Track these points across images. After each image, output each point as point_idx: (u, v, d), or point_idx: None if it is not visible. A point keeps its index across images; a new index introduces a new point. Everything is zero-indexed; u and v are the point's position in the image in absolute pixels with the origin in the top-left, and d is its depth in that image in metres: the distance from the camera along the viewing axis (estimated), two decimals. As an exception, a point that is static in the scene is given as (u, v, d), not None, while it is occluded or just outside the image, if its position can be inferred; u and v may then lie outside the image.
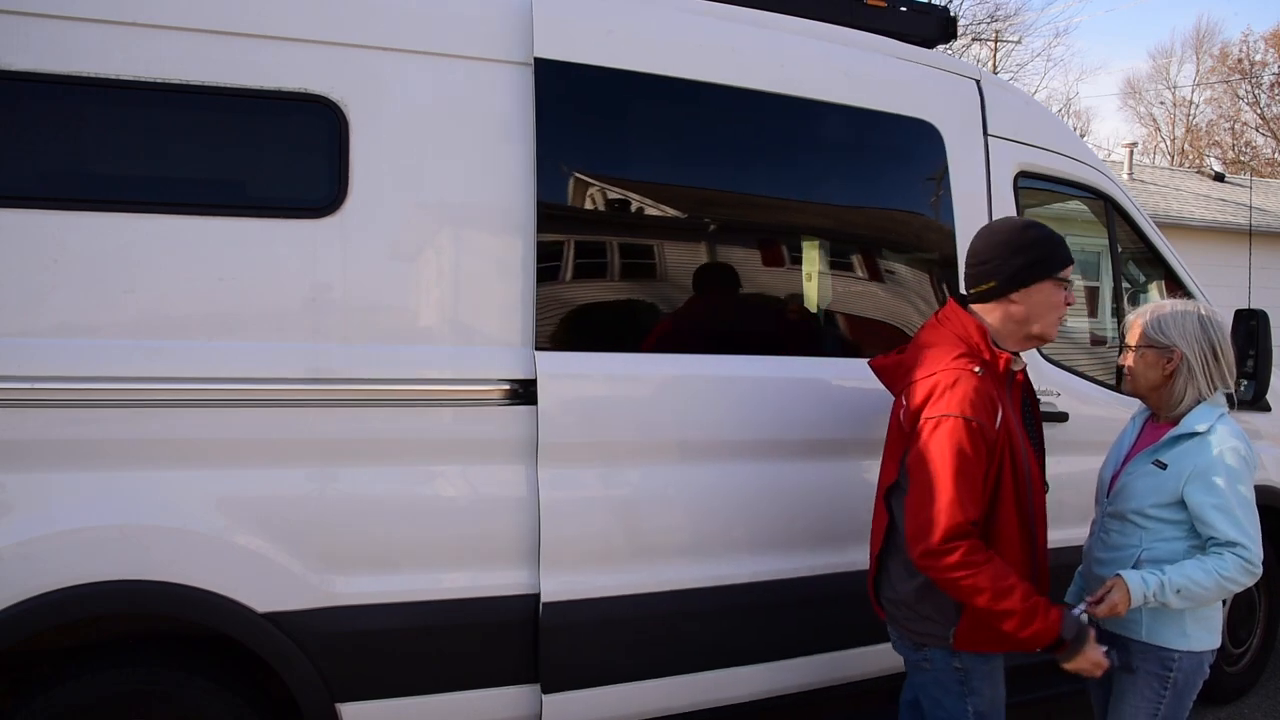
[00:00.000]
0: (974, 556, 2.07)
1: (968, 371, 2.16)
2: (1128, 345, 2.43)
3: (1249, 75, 30.85)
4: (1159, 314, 2.37)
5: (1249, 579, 2.23)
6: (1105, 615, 2.28)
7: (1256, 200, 17.02)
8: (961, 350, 2.22)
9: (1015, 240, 2.26)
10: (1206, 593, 2.22)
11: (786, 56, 2.90)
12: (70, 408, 2.15)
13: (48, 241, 2.14)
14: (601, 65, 2.61)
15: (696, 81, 2.74)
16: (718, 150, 2.86)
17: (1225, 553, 2.22)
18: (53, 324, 2.15)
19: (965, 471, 2.09)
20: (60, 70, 2.15)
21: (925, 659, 2.29)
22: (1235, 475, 2.24)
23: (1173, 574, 2.23)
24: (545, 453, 2.51)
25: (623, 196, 2.76)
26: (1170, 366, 2.34)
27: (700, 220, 2.87)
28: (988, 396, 2.16)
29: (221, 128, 2.30)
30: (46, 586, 2.12)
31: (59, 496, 2.15)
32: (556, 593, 2.54)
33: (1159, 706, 2.32)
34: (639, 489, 2.65)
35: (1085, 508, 3.38)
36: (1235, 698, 4.08)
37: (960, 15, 18.79)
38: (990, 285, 2.26)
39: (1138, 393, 2.46)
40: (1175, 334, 2.34)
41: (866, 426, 2.80)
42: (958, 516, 2.07)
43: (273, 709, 2.42)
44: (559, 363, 2.53)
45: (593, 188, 2.70)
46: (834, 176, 3.07)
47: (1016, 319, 2.27)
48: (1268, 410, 3.93)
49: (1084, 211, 4.23)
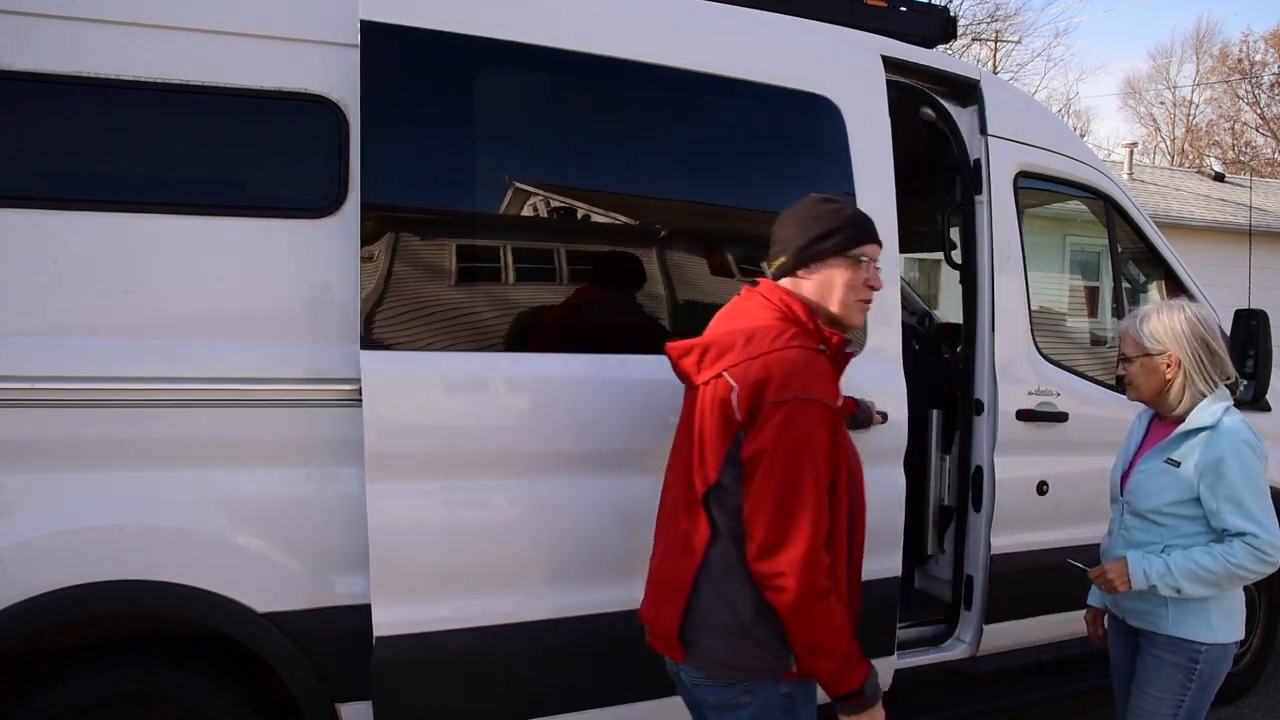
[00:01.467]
0: (830, 579, 1.82)
1: (812, 350, 1.92)
2: (1125, 357, 2.45)
3: (1249, 75, 30.85)
4: (1147, 321, 2.40)
5: (1264, 567, 2.25)
6: (1104, 589, 2.40)
7: (1256, 200, 17.03)
8: (794, 329, 1.94)
9: (805, 214, 2.05)
10: (1215, 578, 2.25)
11: (655, 20, 2.69)
12: (71, 408, 2.15)
13: (47, 241, 2.14)
14: (433, 29, 2.36)
15: (547, 49, 2.49)
16: (567, 128, 2.63)
17: (1236, 541, 2.25)
18: (53, 324, 2.14)
19: (824, 468, 1.85)
20: (60, 70, 2.15)
21: (746, 693, 1.91)
22: (1245, 465, 2.26)
23: (1178, 558, 2.28)
24: (373, 464, 2.28)
25: (462, 182, 2.48)
26: (1169, 371, 2.36)
27: (553, 208, 2.61)
28: (832, 380, 1.95)
29: None
30: (46, 586, 2.12)
31: (59, 496, 2.15)
32: (391, 625, 2.30)
33: (1183, 697, 2.35)
34: (487, 505, 2.40)
35: (1086, 507, 3.40)
36: (1235, 698, 4.08)
37: (960, 15, 18.78)
38: (781, 262, 2.04)
39: (1142, 399, 2.48)
40: (1167, 339, 2.36)
41: None
42: (823, 525, 1.82)
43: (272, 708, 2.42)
44: (388, 362, 2.29)
45: (428, 172, 2.43)
46: (708, 157, 2.80)
47: (819, 296, 2.04)
48: (1268, 410, 3.93)
49: (1084, 211, 4.23)
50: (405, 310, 2.35)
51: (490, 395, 2.41)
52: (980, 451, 3.32)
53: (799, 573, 1.77)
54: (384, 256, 2.32)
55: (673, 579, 1.97)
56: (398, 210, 2.37)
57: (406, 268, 2.35)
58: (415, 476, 2.32)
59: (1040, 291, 4.31)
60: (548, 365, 2.47)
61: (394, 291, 2.32)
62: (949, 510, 3.56)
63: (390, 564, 2.28)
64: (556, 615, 2.47)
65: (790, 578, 1.78)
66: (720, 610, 1.90)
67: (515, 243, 2.53)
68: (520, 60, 2.48)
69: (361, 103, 2.28)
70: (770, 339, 1.91)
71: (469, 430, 2.37)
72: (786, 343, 1.89)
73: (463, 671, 2.38)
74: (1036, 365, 3.38)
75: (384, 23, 2.30)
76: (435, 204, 2.46)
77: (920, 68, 3.23)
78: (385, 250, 2.32)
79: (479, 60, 2.43)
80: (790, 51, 2.87)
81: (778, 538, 1.79)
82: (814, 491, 1.81)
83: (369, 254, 2.29)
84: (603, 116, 2.66)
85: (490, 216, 2.52)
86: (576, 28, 2.54)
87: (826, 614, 1.82)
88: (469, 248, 2.48)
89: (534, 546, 2.45)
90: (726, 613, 1.89)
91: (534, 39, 2.48)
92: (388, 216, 2.34)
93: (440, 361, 2.37)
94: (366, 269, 2.29)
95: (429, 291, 2.40)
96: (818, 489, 1.82)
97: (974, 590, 3.35)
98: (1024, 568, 3.34)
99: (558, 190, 2.60)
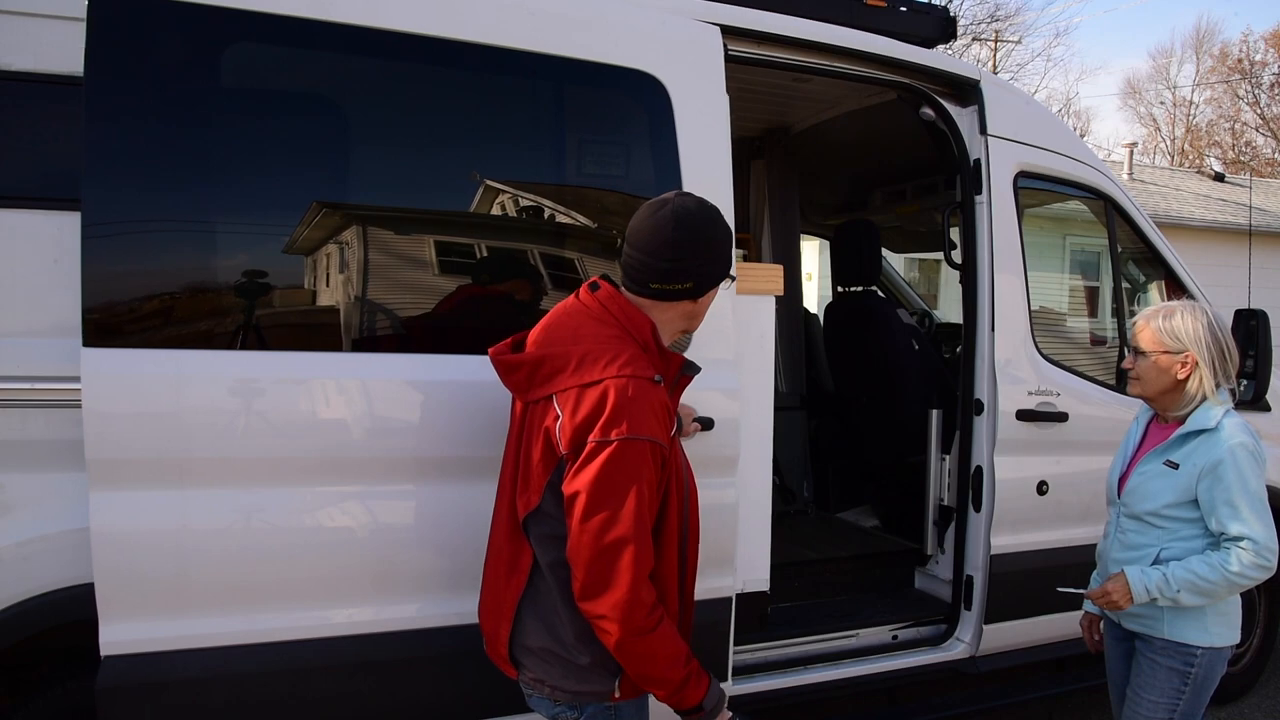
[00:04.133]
0: (655, 614, 1.79)
1: (647, 382, 1.80)
2: (1140, 351, 2.41)
3: (1249, 75, 30.84)
4: (1170, 319, 2.37)
5: (1260, 573, 2.24)
6: (1107, 608, 2.38)
7: (1256, 200, 17.04)
8: (630, 352, 1.83)
9: (716, 233, 1.93)
10: (1214, 587, 2.24)
11: None
12: (70, 408, 2.14)
13: (48, 241, 2.13)
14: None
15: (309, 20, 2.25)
16: (337, 108, 2.38)
17: (1233, 547, 2.24)
18: (53, 324, 2.14)
19: (648, 508, 1.79)
20: (60, 70, 2.14)
21: (573, 709, 1.92)
22: (1243, 470, 2.25)
23: (1176, 569, 2.27)
24: (95, 471, 2.08)
25: (202, 158, 2.21)
26: (1185, 371, 2.34)
27: (293, 179, 2.33)
28: (666, 410, 1.85)
29: None
30: (47, 586, 2.12)
31: (59, 497, 2.14)
32: (117, 644, 2.11)
33: (1178, 701, 2.35)
34: (219, 516, 2.18)
35: (1085, 507, 3.41)
36: (1235, 698, 4.09)
37: (960, 15, 18.83)
38: (686, 286, 1.90)
39: (1146, 396, 2.45)
40: (1188, 339, 2.33)
41: None
42: (646, 565, 1.78)
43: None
44: (113, 361, 2.09)
45: (166, 147, 2.18)
46: (513, 138, 2.56)
47: (689, 316, 1.98)
48: (1268, 410, 3.93)
49: (1084, 211, 4.23)
50: (141, 300, 2.16)
51: (230, 394, 2.20)
52: (980, 451, 3.32)
53: (620, 616, 1.76)
54: (128, 243, 2.15)
55: (501, 599, 1.97)
56: (135, 185, 2.15)
57: (143, 255, 2.16)
58: (144, 484, 2.12)
59: (1040, 291, 4.31)
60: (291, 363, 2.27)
61: (124, 282, 2.13)
62: (949, 510, 3.55)
63: (112, 578, 2.10)
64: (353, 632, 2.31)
65: (612, 621, 1.76)
66: (542, 635, 1.90)
67: (267, 220, 2.31)
68: (290, 37, 2.26)
69: None
70: (603, 364, 1.80)
71: (208, 435, 2.16)
72: (619, 369, 1.79)
73: (194, 695, 2.20)
74: (1036, 365, 3.38)
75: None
76: (166, 181, 2.19)
77: (920, 67, 3.23)
78: (127, 234, 2.15)
79: (240, 36, 2.23)
80: (611, 25, 2.61)
81: (598, 579, 1.76)
82: (635, 530, 1.76)
83: (99, 238, 2.09)
84: (396, 98, 2.43)
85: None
86: None
87: (652, 648, 1.80)
88: (214, 242, 2.24)
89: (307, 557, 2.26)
90: (548, 638, 1.90)
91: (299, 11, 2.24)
92: (125, 193, 2.14)
93: None
94: None
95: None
96: (639, 526, 1.77)
97: (974, 590, 3.35)
98: (1024, 568, 3.33)
99: (314, 164, 2.37)
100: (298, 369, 2.25)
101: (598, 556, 1.75)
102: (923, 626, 3.48)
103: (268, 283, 2.26)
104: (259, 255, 2.28)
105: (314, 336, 2.33)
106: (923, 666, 3.34)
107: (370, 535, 2.32)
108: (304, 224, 2.29)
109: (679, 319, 1.98)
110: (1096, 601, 2.41)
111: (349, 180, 2.40)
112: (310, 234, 2.30)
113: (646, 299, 1.93)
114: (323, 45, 2.31)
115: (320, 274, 2.34)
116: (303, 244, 2.30)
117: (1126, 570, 2.34)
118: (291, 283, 2.35)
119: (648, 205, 1.94)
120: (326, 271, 2.34)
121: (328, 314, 2.34)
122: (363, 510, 2.32)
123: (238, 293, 2.23)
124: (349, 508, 2.30)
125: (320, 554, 2.27)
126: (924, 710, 3.39)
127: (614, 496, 1.75)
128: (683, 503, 1.95)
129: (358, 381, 2.30)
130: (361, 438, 2.30)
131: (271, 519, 2.23)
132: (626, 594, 1.75)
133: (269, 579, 2.24)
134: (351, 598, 2.31)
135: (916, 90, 3.28)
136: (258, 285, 2.25)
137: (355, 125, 2.40)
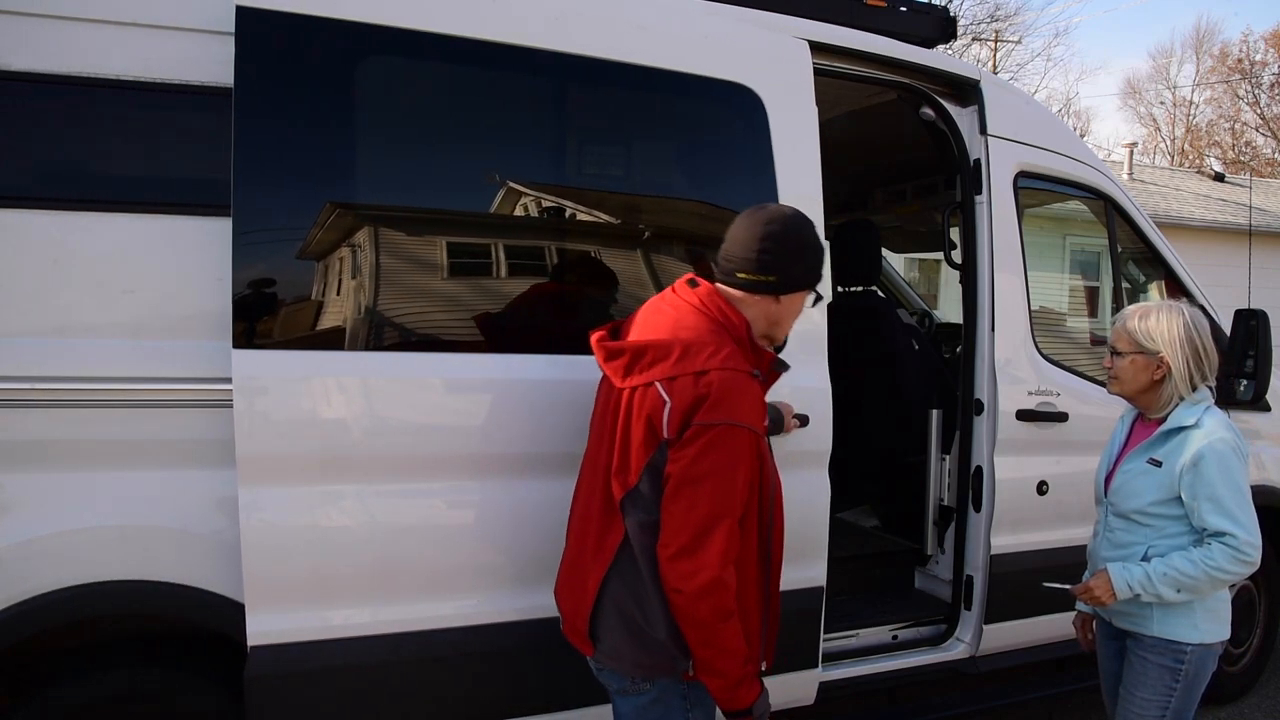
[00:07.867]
0: (733, 602, 1.88)
1: (746, 374, 1.91)
2: (1116, 351, 2.44)
3: (1249, 75, 30.85)
4: (1146, 320, 2.39)
5: (1242, 569, 2.25)
6: (1091, 604, 2.42)
7: (1256, 200, 17.04)
8: (729, 347, 1.93)
9: (807, 239, 2.03)
10: (1196, 583, 2.26)
11: (559, 6, 2.54)
12: (71, 408, 2.14)
13: (48, 241, 2.14)
14: (312, 15, 2.24)
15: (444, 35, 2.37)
16: (461, 117, 2.48)
17: (1214, 543, 2.25)
18: (53, 324, 2.14)
19: (743, 492, 1.88)
20: (60, 70, 2.14)
21: (645, 681, 2.00)
22: (1224, 465, 2.26)
23: (1158, 565, 2.29)
24: (245, 468, 2.17)
25: (347, 173, 2.35)
26: (1159, 372, 2.37)
27: (440, 197, 2.48)
28: (763, 403, 1.95)
29: None
30: (46, 586, 2.12)
31: (59, 496, 2.15)
32: (265, 634, 2.21)
33: (1170, 698, 2.37)
34: (367, 512, 2.29)
35: (1086, 507, 3.38)
36: (1235, 698, 4.09)
37: (960, 15, 18.82)
38: (770, 279, 1.99)
39: (1125, 395, 2.49)
40: (1162, 340, 2.36)
41: None
42: (735, 547, 1.87)
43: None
44: (263, 362, 2.19)
45: (311, 163, 2.30)
46: (618, 150, 2.70)
47: (772, 320, 2.05)
48: (1268, 410, 3.93)
49: (1084, 211, 4.23)
50: (288, 304, 2.27)
51: (370, 394, 2.30)
52: (980, 451, 3.32)
53: (701, 589, 1.82)
54: (274, 250, 2.26)
55: (585, 576, 2.03)
56: (281, 197, 2.28)
57: (288, 263, 2.27)
58: (293, 482, 2.22)
59: (1040, 291, 4.31)
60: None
61: (269, 287, 2.24)
62: (949, 510, 3.56)
63: (262, 569, 2.19)
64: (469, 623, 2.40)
65: (697, 599, 1.83)
66: (625, 610, 1.97)
67: (411, 236, 2.44)
68: (412, 49, 2.38)
69: None
70: (706, 355, 1.90)
71: (355, 433, 2.27)
72: (722, 362, 1.89)
73: (337, 684, 2.28)
74: (1036, 365, 3.38)
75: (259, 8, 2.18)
76: (308, 192, 2.32)
77: (920, 67, 3.23)
78: (274, 242, 2.27)
79: (367, 48, 2.34)
80: (709, 38, 2.73)
81: (689, 557, 1.83)
82: (730, 509, 1.85)
83: (248, 245, 2.21)
84: (524, 109, 2.57)
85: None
86: None
87: (724, 637, 1.87)
88: (358, 251, 2.34)
89: (450, 551, 2.39)
90: (632, 615, 1.96)
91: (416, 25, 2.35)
92: (271, 206, 2.26)
93: None
94: None
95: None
96: (732, 514, 1.86)
97: (974, 590, 3.35)
98: (1024, 568, 3.33)
99: (455, 181, 2.51)
100: (449, 369, 2.37)
101: (692, 529, 1.83)
102: (923, 626, 3.48)
103: (418, 288, 2.39)
104: (399, 260, 2.39)
105: (460, 338, 2.44)
106: (923, 666, 3.34)
107: (518, 529, 2.43)
108: (440, 231, 2.44)
109: (761, 319, 2.04)
110: (1080, 597, 2.43)
111: (487, 187, 2.51)
112: (448, 238, 2.45)
113: (735, 290, 2.02)
114: (467, 60, 2.43)
115: (475, 277, 2.48)
116: (441, 250, 2.44)
117: (1109, 567, 2.36)
118: (439, 287, 2.44)
119: (749, 209, 2.06)
120: (477, 275, 2.49)
121: (474, 316, 2.45)
122: (513, 503, 2.43)
123: (380, 296, 2.34)
124: (504, 499, 2.42)
125: (467, 545, 2.40)
126: (924, 710, 3.39)
127: (714, 476, 1.84)
128: (768, 497, 2.01)
129: (504, 380, 2.41)
130: (510, 435, 2.41)
131: (414, 514, 2.35)
132: (715, 570, 1.82)
133: (408, 570, 2.34)
134: (497, 588, 2.43)
135: (916, 90, 3.28)
136: (409, 288, 2.38)
137: (485, 137, 2.52)
